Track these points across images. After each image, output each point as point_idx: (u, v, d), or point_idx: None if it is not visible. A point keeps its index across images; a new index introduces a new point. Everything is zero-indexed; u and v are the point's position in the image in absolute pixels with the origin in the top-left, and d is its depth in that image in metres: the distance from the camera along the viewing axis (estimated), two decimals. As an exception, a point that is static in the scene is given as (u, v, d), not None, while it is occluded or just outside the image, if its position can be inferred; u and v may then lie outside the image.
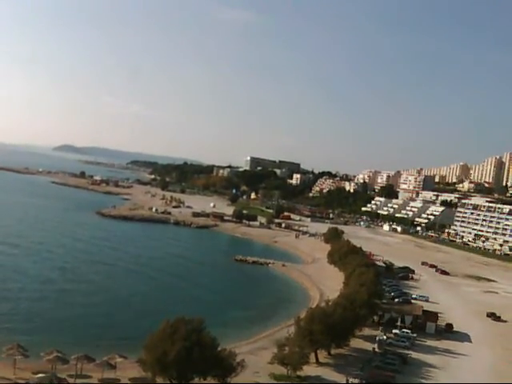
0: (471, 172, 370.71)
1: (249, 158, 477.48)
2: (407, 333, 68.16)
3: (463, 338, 71.81)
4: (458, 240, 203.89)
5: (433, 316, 75.38)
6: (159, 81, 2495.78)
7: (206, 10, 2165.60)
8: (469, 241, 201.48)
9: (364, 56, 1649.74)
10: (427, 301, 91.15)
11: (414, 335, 67.79)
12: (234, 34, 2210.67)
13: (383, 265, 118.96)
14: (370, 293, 69.80)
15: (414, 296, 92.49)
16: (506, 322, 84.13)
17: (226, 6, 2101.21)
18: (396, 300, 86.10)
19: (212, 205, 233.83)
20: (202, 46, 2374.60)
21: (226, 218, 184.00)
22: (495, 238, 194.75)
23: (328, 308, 59.44)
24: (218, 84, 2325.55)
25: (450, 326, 74.82)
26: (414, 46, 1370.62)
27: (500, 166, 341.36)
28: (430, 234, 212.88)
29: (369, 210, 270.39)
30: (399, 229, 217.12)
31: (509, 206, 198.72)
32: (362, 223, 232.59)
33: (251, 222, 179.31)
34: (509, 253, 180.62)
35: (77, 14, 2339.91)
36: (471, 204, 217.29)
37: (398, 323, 70.92)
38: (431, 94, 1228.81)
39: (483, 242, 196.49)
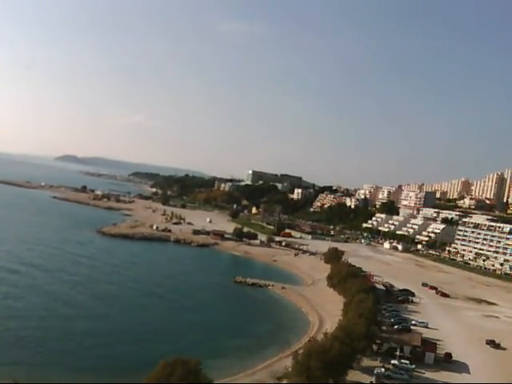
0: (472, 188, 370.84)
1: (250, 172, 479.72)
2: (406, 364, 67.93)
3: (462, 368, 71.49)
4: (458, 259, 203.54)
5: (431, 346, 75.19)
6: (160, 91, 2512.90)
7: (206, 21, 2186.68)
8: (469, 259, 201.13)
9: (366, 69, 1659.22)
10: (427, 327, 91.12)
11: (413, 366, 67.45)
12: (234, 45, 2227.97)
13: (383, 288, 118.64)
14: (369, 324, 69.69)
15: (413, 322, 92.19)
16: (505, 349, 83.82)
17: (227, 17, 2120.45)
18: (395, 327, 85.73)
19: (208, 220, 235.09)
20: (203, 57, 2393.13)
21: (226, 235, 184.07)
22: (496, 257, 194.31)
23: (326, 342, 59.34)
24: (219, 94, 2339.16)
25: (448, 355, 74.56)
26: (415, 59, 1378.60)
27: (501, 182, 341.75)
28: (430, 252, 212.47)
29: (370, 226, 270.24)
30: (400, 247, 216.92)
31: (509, 226, 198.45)
32: (362, 241, 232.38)
33: (251, 241, 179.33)
34: (509, 272, 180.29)
35: (79, 25, 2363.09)
36: (472, 222, 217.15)
37: (397, 353, 70.71)
38: (433, 109, 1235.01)
39: (484, 260, 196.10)
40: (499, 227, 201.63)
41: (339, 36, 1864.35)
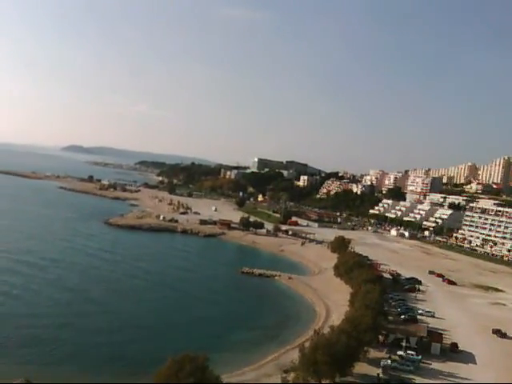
0: (479, 172, 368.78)
1: (256, 160, 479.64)
2: (412, 355, 68.30)
3: (468, 358, 71.76)
4: (465, 245, 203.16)
5: (438, 336, 75.54)
6: (165, 80, 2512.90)
7: (211, 8, 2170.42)
8: (477, 245, 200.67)
9: (372, 56, 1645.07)
10: (433, 316, 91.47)
11: (419, 357, 67.81)
12: (239, 33, 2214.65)
13: (390, 277, 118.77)
14: (375, 315, 70.01)
15: (420, 311, 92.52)
16: (511, 338, 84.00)
17: (232, 5, 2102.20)
18: (402, 317, 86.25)
19: (214, 208, 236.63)
20: (208, 45, 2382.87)
21: (233, 225, 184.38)
22: (503, 243, 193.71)
23: (332, 335, 59.75)
24: (223, 82, 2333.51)
25: (454, 345, 74.83)
26: (423, 46, 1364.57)
27: (508, 166, 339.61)
28: (437, 238, 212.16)
29: (376, 212, 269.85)
30: (407, 234, 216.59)
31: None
32: (369, 228, 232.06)
33: (258, 230, 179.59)
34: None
35: (82, 14, 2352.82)
36: (479, 208, 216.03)
37: (404, 344, 71.06)
38: (440, 94, 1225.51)
39: (491, 246, 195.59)
40: (507, 212, 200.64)
41: (347, 24, 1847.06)
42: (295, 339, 74.86)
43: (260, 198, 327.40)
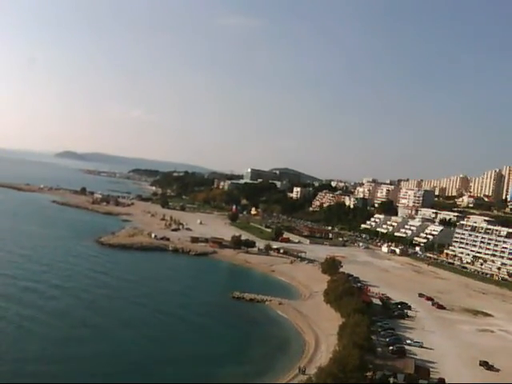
0: (471, 184, 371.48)
1: (249, 170, 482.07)
2: (399, 393, 69.06)
3: (455, 395, 72.56)
4: (456, 262, 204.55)
5: (425, 372, 76.20)
6: (159, 86, 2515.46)
7: (207, 15, 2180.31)
8: (467, 263, 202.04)
9: (367, 66, 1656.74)
10: (421, 346, 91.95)
11: (406, 396, 68.60)
12: (234, 40, 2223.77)
13: (379, 302, 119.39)
14: (363, 354, 70.67)
15: (408, 341, 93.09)
16: (498, 371, 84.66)
17: (227, 12, 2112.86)
18: (390, 348, 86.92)
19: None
20: (203, 52, 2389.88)
21: (224, 243, 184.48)
22: (493, 261, 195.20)
23: (319, 379, 60.38)
24: (218, 88, 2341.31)
25: (442, 380, 75.49)
26: (417, 56, 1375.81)
27: (500, 179, 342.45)
28: (428, 255, 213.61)
29: (368, 227, 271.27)
30: (398, 250, 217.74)
31: (506, 229, 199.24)
32: (360, 244, 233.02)
33: (249, 249, 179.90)
34: (506, 277, 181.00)
35: (77, 19, 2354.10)
36: (469, 225, 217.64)
37: (391, 381, 71.72)
38: (433, 106, 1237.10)
39: (481, 264, 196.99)
40: (496, 230, 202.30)
41: (340, 31, 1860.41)
42: (284, 375, 75.01)
43: (253, 211, 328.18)
